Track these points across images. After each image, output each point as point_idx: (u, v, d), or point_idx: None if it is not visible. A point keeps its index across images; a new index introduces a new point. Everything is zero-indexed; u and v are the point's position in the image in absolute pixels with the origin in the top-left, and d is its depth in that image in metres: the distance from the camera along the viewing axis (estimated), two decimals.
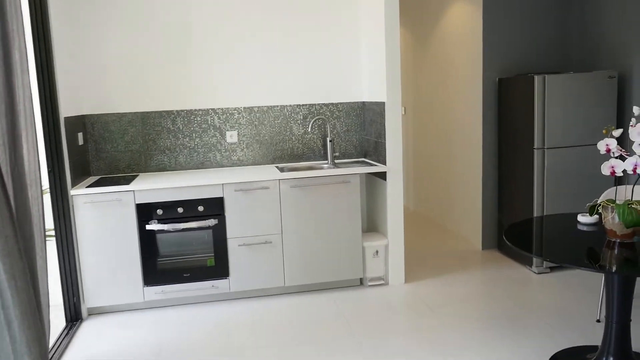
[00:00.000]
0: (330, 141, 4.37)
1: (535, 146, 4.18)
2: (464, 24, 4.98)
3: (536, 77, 4.10)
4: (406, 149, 6.69)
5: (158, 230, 3.77)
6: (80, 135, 3.97)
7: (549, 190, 4.21)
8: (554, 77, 4.11)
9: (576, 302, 3.72)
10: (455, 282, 4.19)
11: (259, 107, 4.36)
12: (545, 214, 4.24)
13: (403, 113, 6.62)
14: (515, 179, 4.52)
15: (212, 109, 4.29)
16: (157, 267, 3.80)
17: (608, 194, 3.55)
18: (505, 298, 3.85)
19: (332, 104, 4.47)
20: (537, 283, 4.11)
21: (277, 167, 4.30)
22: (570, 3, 4.76)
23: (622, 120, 4.31)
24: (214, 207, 3.82)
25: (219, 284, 3.90)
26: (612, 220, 2.58)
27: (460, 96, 5.17)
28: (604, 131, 2.68)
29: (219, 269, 3.88)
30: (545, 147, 4.17)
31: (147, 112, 4.21)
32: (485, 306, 3.72)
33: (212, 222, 3.81)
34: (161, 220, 3.76)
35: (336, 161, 4.48)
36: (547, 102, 4.12)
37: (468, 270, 4.45)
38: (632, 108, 4.22)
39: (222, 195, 3.82)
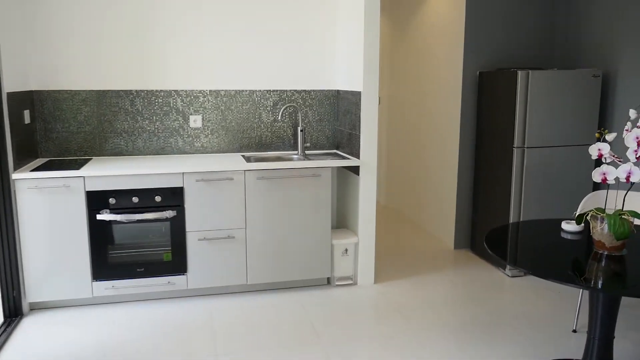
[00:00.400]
0: (301, 131, 4.11)
1: (515, 145, 4.00)
2: (445, 12, 4.76)
3: (519, 72, 3.91)
4: (379, 141, 6.47)
5: (110, 220, 3.45)
6: (26, 113, 3.60)
7: (527, 191, 4.05)
8: (537, 73, 3.93)
9: (551, 310, 3.58)
10: (426, 284, 4.00)
11: (226, 90, 4.06)
12: (522, 215, 4.08)
13: (378, 103, 6.39)
14: (493, 177, 4.34)
15: (175, 91, 3.97)
16: (107, 261, 3.50)
17: (589, 198, 3.40)
18: (477, 303, 3.67)
19: (305, 91, 4.20)
20: (511, 287, 3.96)
21: (243, 156, 4.01)
22: None
23: (604, 121, 4.17)
24: (173, 197, 3.53)
25: (176, 280, 3.62)
26: (602, 231, 2.40)
27: (439, 88, 4.96)
28: (596, 135, 2.49)
29: (176, 264, 3.60)
30: (526, 146, 3.99)
31: (104, 91, 3.86)
32: (456, 312, 3.54)
33: (170, 213, 3.52)
34: (114, 210, 3.45)
35: (307, 152, 4.23)
36: (530, 99, 3.93)
37: (439, 271, 4.27)
38: (615, 109, 4.08)
39: (182, 185, 3.53)
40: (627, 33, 3.95)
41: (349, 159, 3.86)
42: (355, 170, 3.90)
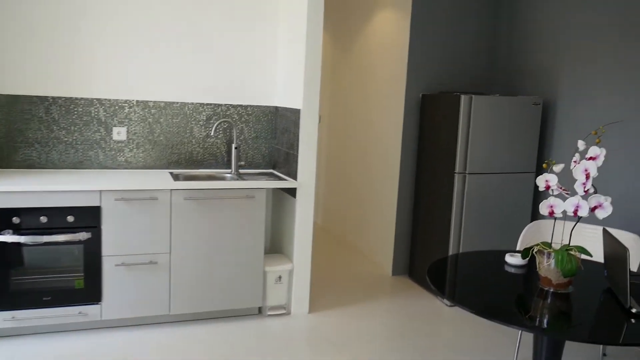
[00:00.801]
0: (236, 148, 3.85)
1: (457, 170, 3.90)
2: (389, 32, 4.65)
3: (463, 97, 3.83)
4: (319, 159, 6.28)
5: (13, 242, 3.05)
6: None
7: (467, 217, 3.95)
8: (480, 98, 3.86)
9: (490, 342, 3.45)
10: (362, 314, 3.80)
11: (155, 101, 3.75)
12: (462, 241, 3.97)
13: (318, 121, 6.22)
14: (433, 202, 4.23)
15: (97, 99, 3.63)
16: (8, 288, 3.08)
17: (529, 228, 3.32)
18: (414, 335, 3.50)
19: (241, 106, 3.95)
20: (449, 317, 3.82)
21: (171, 173, 3.70)
22: (499, 24, 4.57)
23: (543, 150, 4.15)
24: (88, 217, 3.17)
25: (89, 311, 3.24)
26: (548, 267, 2.28)
27: (381, 109, 4.83)
28: (544, 165, 2.38)
29: (89, 292, 3.23)
30: (467, 172, 3.90)
31: (15, 96, 3.47)
32: (392, 344, 3.35)
33: (83, 235, 3.16)
34: (18, 231, 3.06)
35: (241, 171, 3.96)
36: (472, 123, 3.85)
37: (376, 300, 4.08)
38: (555, 138, 4.07)
39: (99, 204, 3.18)
40: (565, 64, 3.96)
41: (285, 179, 3.63)
42: (292, 192, 3.68)
